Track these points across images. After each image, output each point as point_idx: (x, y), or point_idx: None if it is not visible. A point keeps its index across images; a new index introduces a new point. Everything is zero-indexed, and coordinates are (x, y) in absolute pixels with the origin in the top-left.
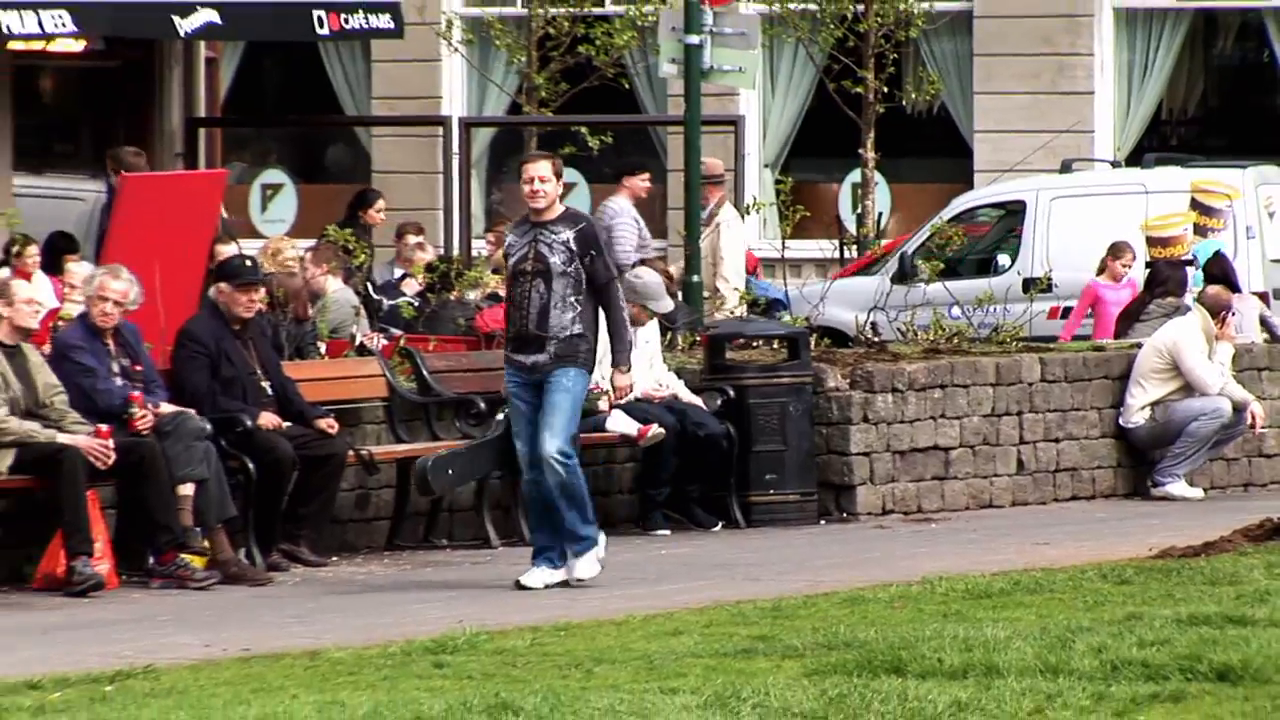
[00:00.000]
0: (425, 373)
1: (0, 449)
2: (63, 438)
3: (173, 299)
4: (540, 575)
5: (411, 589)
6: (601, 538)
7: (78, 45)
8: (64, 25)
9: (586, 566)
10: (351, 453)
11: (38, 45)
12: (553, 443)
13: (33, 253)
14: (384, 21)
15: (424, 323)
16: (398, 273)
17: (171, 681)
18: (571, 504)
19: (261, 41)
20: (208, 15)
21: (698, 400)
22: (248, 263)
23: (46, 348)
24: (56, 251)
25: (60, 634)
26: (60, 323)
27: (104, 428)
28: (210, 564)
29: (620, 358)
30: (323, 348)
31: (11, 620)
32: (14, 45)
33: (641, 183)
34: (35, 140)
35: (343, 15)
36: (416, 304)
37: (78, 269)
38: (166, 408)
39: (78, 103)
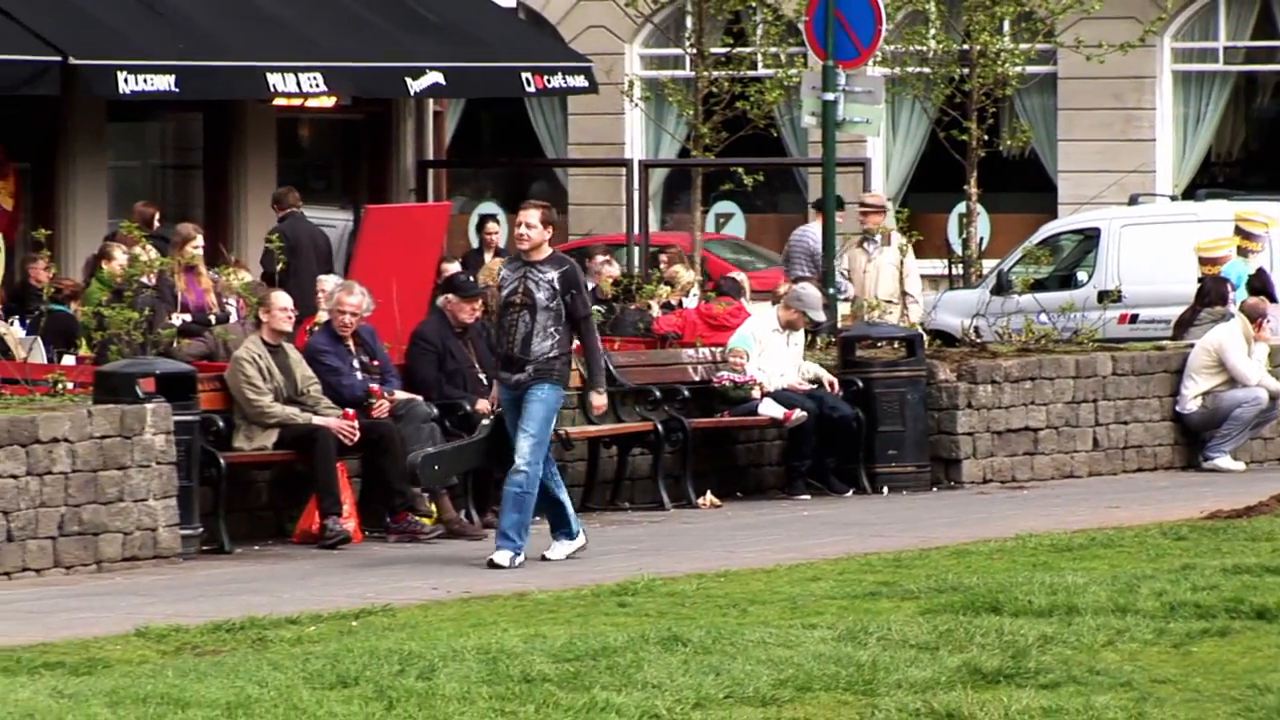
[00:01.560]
0: (611, 367)
1: (265, 429)
2: (317, 420)
3: (407, 307)
4: (561, 548)
5: (600, 543)
6: (524, 552)
7: (329, 102)
8: (318, 85)
9: (503, 556)
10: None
11: (297, 101)
12: (525, 443)
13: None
14: (579, 81)
15: (610, 326)
16: (589, 286)
17: (405, 618)
18: (519, 507)
19: (479, 98)
20: (435, 77)
21: (830, 379)
22: (468, 278)
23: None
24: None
25: (314, 579)
26: (315, 327)
27: (350, 411)
28: (436, 522)
29: (596, 381)
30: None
31: (275, 568)
32: (278, 101)
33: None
34: (294, 178)
35: (545, 76)
36: (604, 311)
37: (327, 284)
38: (400, 395)
39: (329, 148)
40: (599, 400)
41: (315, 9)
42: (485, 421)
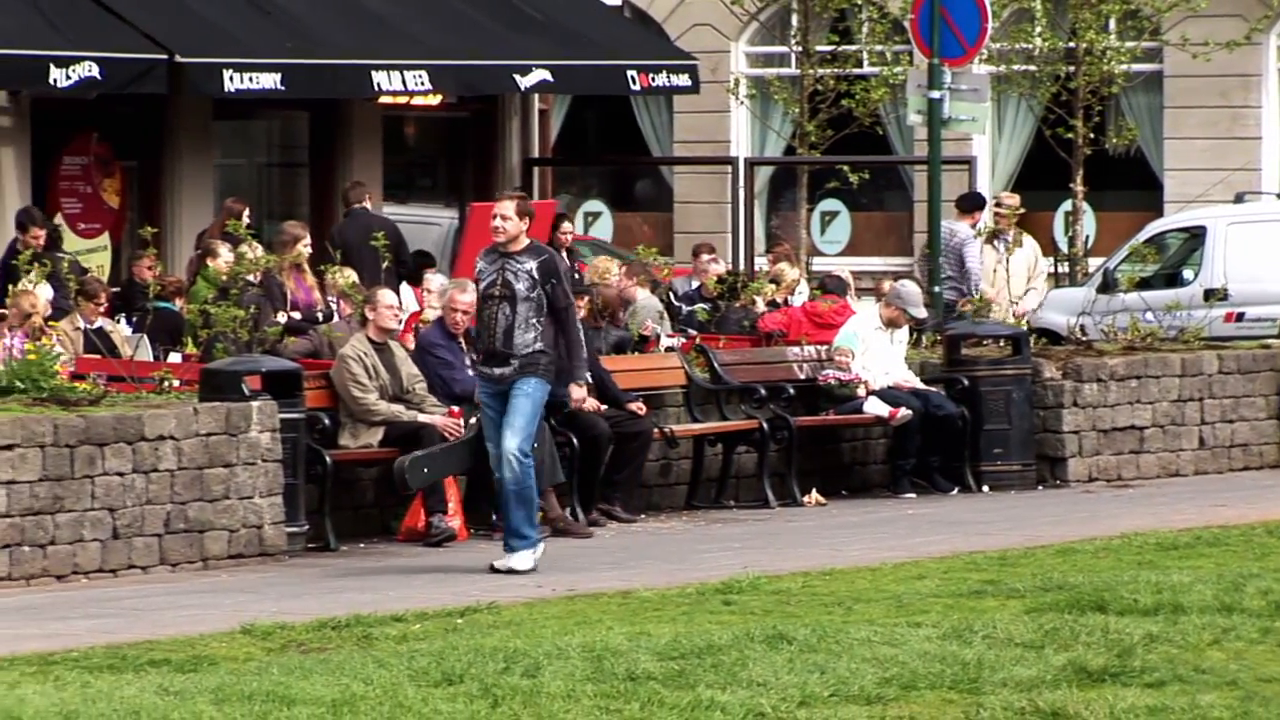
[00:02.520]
0: (716, 365)
1: (371, 427)
2: (422, 418)
3: None
4: (524, 558)
5: (705, 541)
6: (542, 544)
7: (435, 100)
8: (422, 83)
9: (521, 559)
10: (656, 430)
11: (402, 100)
12: (513, 440)
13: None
14: (684, 80)
15: (715, 325)
16: (694, 284)
17: (510, 615)
18: (520, 503)
19: (584, 95)
20: (542, 74)
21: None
22: (574, 276)
23: (410, 343)
24: (418, 265)
25: (420, 577)
26: (422, 324)
27: (455, 409)
28: (542, 520)
29: (577, 373)
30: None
31: (380, 565)
32: (384, 99)
33: (979, 215)
34: (401, 176)
35: (651, 74)
36: (709, 309)
37: (434, 278)
38: None
39: (435, 146)
40: (578, 393)
41: (422, 7)
42: (473, 421)
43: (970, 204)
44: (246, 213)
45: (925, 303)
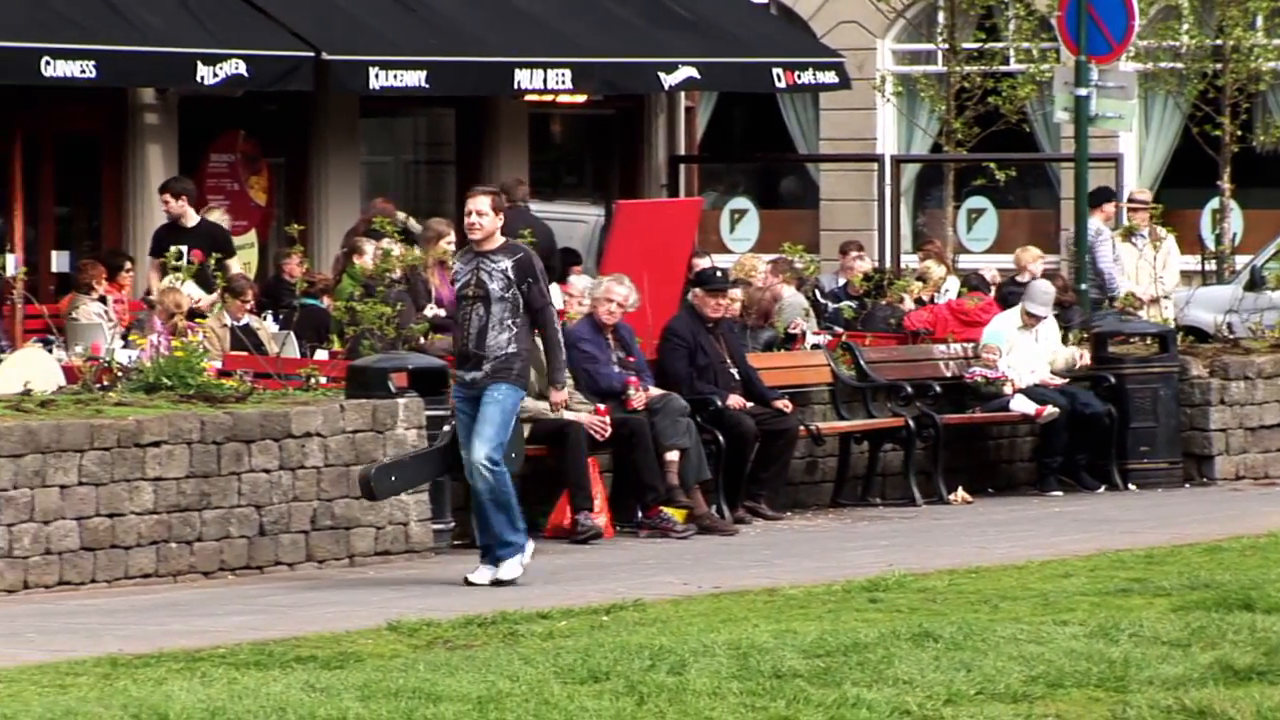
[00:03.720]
0: (862, 363)
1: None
2: (568, 415)
3: (658, 302)
4: (487, 573)
5: (851, 539)
6: (530, 544)
7: (581, 97)
8: (564, 82)
9: (510, 569)
10: (802, 428)
11: (549, 97)
12: (482, 449)
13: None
14: (830, 77)
15: (861, 322)
16: (840, 282)
17: (656, 613)
18: (499, 509)
19: (730, 92)
20: (688, 72)
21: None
22: (719, 273)
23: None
24: (564, 264)
25: (566, 574)
26: (567, 322)
27: (602, 406)
28: (688, 518)
29: (556, 376)
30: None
31: (526, 562)
32: (530, 96)
33: (1110, 209)
34: (547, 173)
35: (797, 72)
36: (856, 307)
37: (577, 280)
38: (654, 390)
39: (581, 143)
40: (558, 397)
41: (568, 4)
42: (446, 428)
43: (1098, 199)
44: (401, 215)
45: (1070, 301)
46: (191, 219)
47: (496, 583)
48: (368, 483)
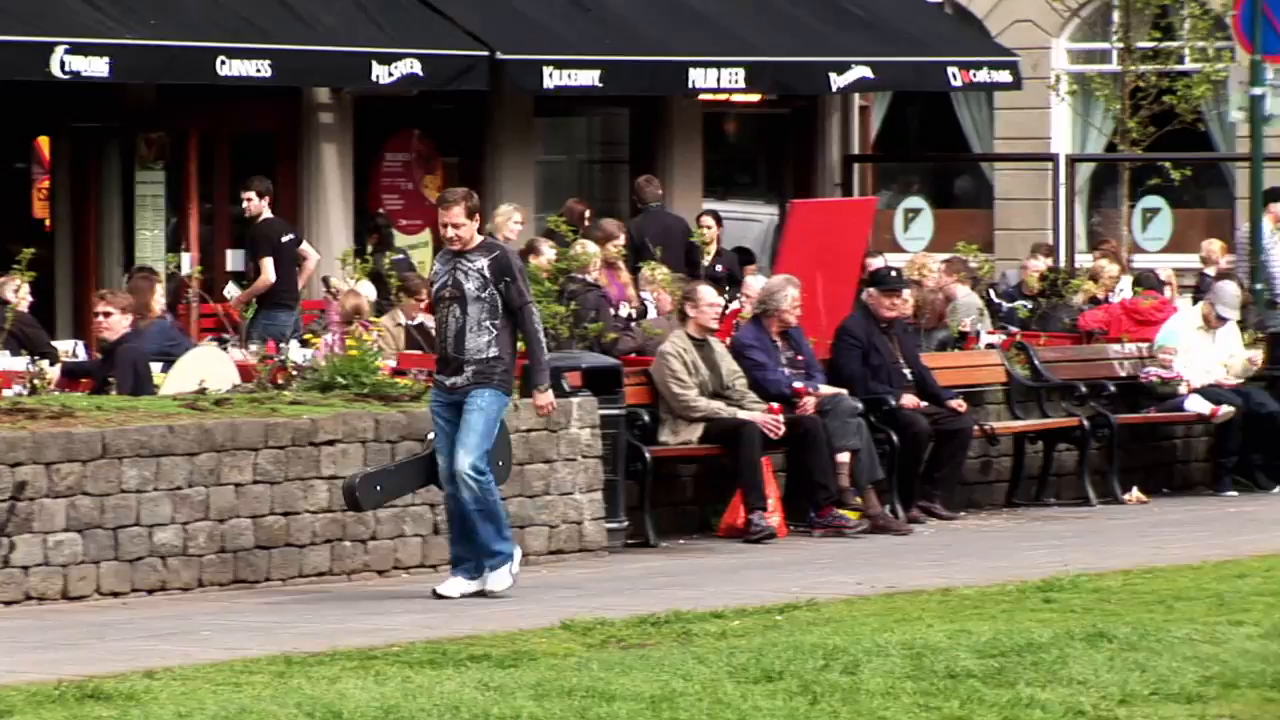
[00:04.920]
0: (1036, 362)
1: (691, 423)
2: (742, 414)
3: (832, 302)
4: (456, 585)
5: (1025, 539)
6: (517, 552)
7: (755, 96)
8: (737, 81)
9: (499, 579)
10: (976, 428)
11: (723, 96)
12: (466, 459)
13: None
14: (1004, 76)
15: (1036, 321)
16: (1015, 281)
17: (829, 612)
18: (486, 519)
19: (904, 91)
20: (861, 71)
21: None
22: (892, 273)
23: (728, 340)
24: (738, 264)
25: (740, 574)
26: (740, 321)
27: (775, 406)
28: (862, 517)
29: (539, 377)
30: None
31: (699, 562)
32: (704, 96)
33: (1277, 209)
34: (720, 173)
35: (971, 70)
36: (1030, 306)
37: (752, 279)
38: (826, 390)
39: (755, 142)
40: (543, 399)
41: (741, 4)
42: (430, 436)
43: (1268, 199)
44: (588, 214)
45: (1245, 301)
46: (264, 217)
47: (486, 594)
48: (352, 492)
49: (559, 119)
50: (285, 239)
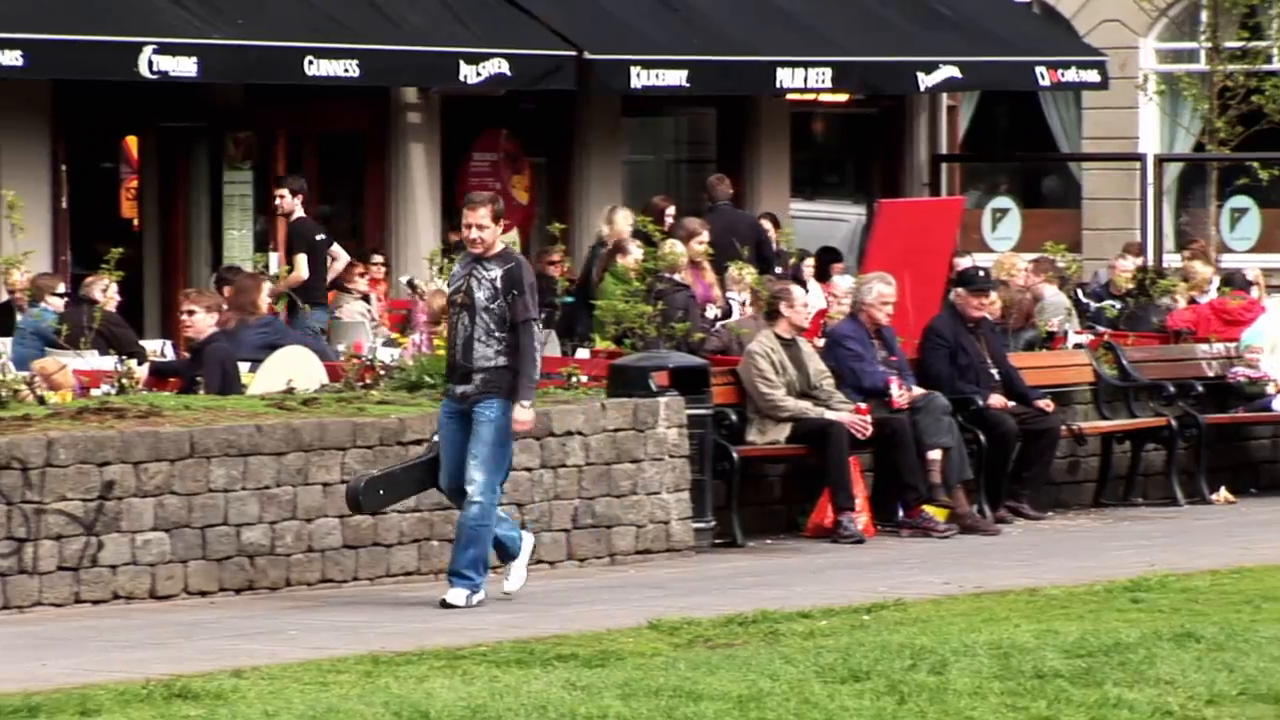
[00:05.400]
0: (1124, 362)
1: (778, 423)
2: (829, 414)
3: (919, 302)
4: (516, 575)
5: (1112, 539)
6: (484, 590)
7: (841, 96)
8: (824, 81)
9: (456, 595)
10: (1064, 427)
11: (810, 96)
12: (478, 474)
13: (808, 264)
14: (1092, 76)
15: (1124, 321)
16: (1103, 280)
17: (917, 612)
18: (474, 543)
19: (992, 91)
20: (949, 71)
21: None
22: (980, 273)
23: (818, 340)
24: (825, 263)
25: (827, 573)
26: (827, 321)
27: (863, 405)
28: (950, 517)
29: (524, 393)
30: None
31: (787, 562)
32: (791, 96)
33: None
34: (808, 172)
35: (1059, 70)
36: (1118, 306)
37: (839, 279)
38: (915, 390)
39: (842, 142)
40: (523, 415)
41: (829, 4)
42: (435, 438)
43: None
44: (671, 211)
45: None
46: (295, 215)
47: (445, 606)
48: (356, 496)
49: (646, 119)
50: (319, 238)
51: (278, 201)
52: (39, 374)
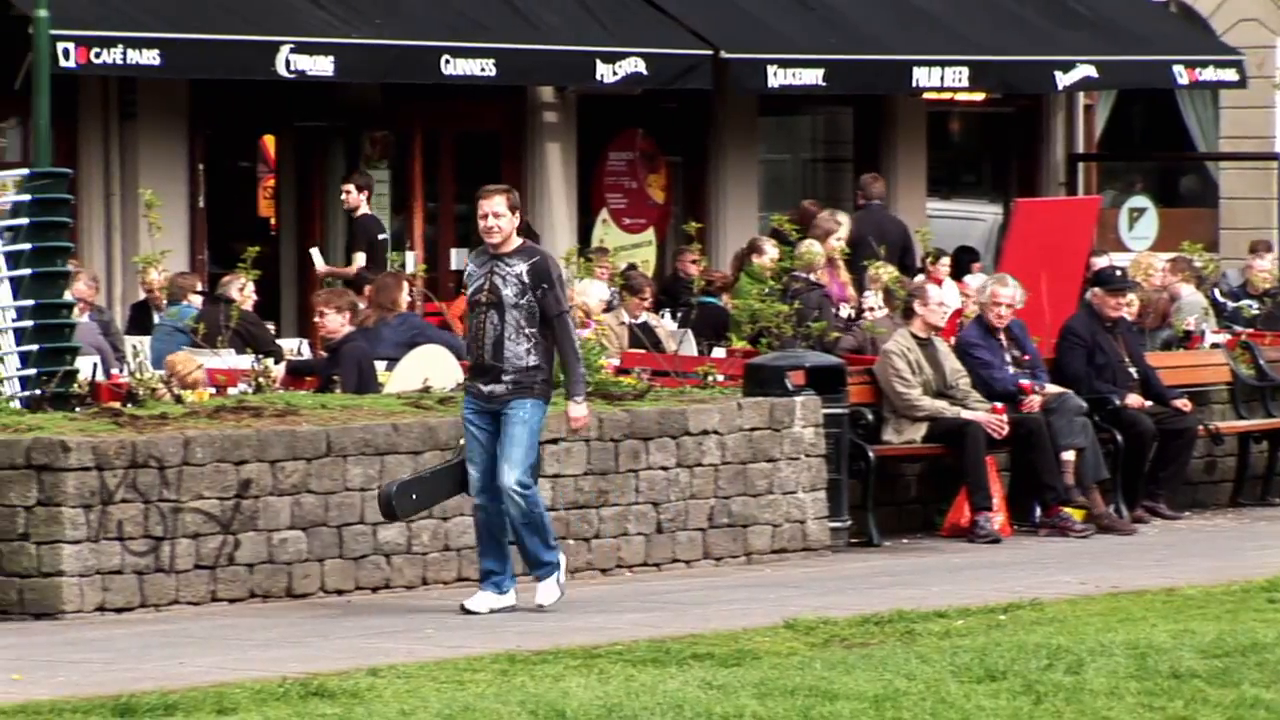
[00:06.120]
0: (1262, 362)
1: (915, 422)
2: (965, 414)
3: (1056, 301)
4: (485, 599)
5: (1250, 538)
6: (564, 561)
7: (978, 95)
8: (961, 80)
9: (548, 592)
10: (1201, 427)
11: (946, 95)
12: (511, 474)
13: (944, 263)
14: (1230, 75)
15: (1262, 321)
16: (1240, 280)
17: (1053, 612)
18: (532, 531)
19: (1129, 90)
20: (1086, 70)
21: None
22: (1117, 272)
23: (952, 339)
24: (961, 262)
25: (963, 573)
26: (964, 320)
27: (999, 405)
28: (1086, 517)
29: (575, 389)
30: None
31: (923, 562)
32: (928, 95)
33: None
34: (944, 172)
35: (1197, 69)
36: (1255, 306)
37: (973, 279)
38: (1051, 389)
39: (979, 141)
40: (578, 412)
41: (966, 2)
42: (462, 442)
43: None
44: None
45: None
46: (361, 211)
47: (539, 609)
48: (389, 501)
49: (783, 118)
50: (381, 237)
51: (343, 196)
52: (170, 369)
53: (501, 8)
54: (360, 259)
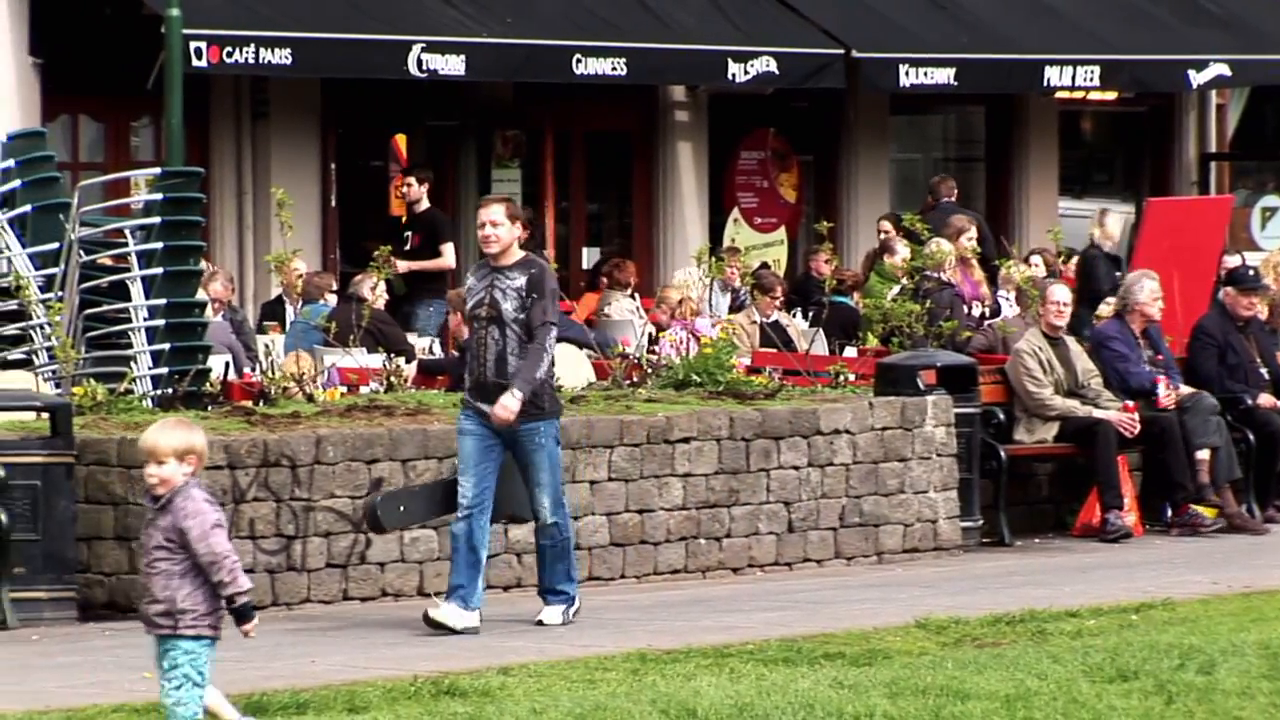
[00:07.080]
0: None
1: (1046, 422)
2: (1097, 413)
3: (1188, 300)
4: (450, 612)
5: None
6: (578, 599)
7: (1110, 94)
8: (1093, 79)
9: (553, 614)
10: None
11: (1078, 94)
12: (545, 500)
13: (1074, 262)
14: None
15: None
16: None
17: (1185, 612)
18: (558, 558)
19: (1262, 89)
20: (1219, 69)
21: None
22: (1250, 271)
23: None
24: None
25: (1095, 573)
26: (1095, 320)
27: (1130, 404)
28: (1218, 516)
29: (517, 384)
30: None
31: (1054, 561)
32: (1059, 94)
33: None
34: (1076, 171)
35: None
36: None
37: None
38: (1184, 389)
39: (1111, 140)
40: (507, 402)
41: (1097, 1)
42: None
43: None
44: (971, 232)
45: None
46: (423, 205)
47: (539, 624)
48: (374, 512)
49: (914, 117)
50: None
51: (405, 190)
52: (283, 370)
53: (633, 7)
54: (450, 250)
